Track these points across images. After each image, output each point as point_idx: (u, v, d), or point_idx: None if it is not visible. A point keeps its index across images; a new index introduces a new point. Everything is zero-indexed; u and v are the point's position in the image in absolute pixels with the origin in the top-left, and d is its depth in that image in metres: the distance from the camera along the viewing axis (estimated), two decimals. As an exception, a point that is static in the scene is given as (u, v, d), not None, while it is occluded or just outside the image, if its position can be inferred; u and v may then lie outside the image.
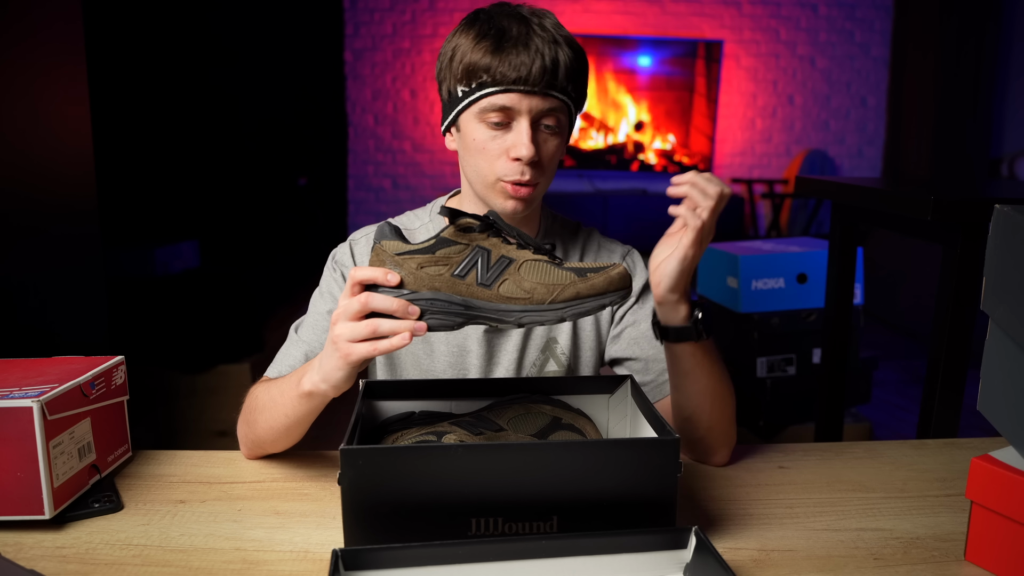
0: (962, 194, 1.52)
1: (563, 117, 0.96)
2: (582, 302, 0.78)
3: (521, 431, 0.86)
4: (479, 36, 0.93)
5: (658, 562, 0.71)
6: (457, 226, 0.80)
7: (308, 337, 1.03)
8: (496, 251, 0.79)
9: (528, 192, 0.96)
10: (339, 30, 5.03)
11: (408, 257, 0.78)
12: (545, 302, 0.78)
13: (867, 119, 5.37)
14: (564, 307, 0.78)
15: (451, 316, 0.78)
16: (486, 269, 0.78)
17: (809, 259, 2.26)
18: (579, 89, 0.97)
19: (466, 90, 0.94)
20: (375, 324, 0.76)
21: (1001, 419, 0.81)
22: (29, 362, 0.95)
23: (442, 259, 0.78)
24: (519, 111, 0.93)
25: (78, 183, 1.75)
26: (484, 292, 0.78)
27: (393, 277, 0.77)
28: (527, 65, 0.91)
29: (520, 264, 0.79)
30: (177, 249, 2.83)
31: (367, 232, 1.09)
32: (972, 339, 1.42)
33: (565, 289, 0.78)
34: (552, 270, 0.79)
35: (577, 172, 5.31)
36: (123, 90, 2.68)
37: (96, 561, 0.77)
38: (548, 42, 0.92)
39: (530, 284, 0.78)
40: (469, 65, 0.93)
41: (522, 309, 0.78)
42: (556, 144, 0.97)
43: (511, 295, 0.78)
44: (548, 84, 0.92)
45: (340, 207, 5.09)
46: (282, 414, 0.91)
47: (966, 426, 1.48)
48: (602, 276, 0.79)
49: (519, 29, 0.92)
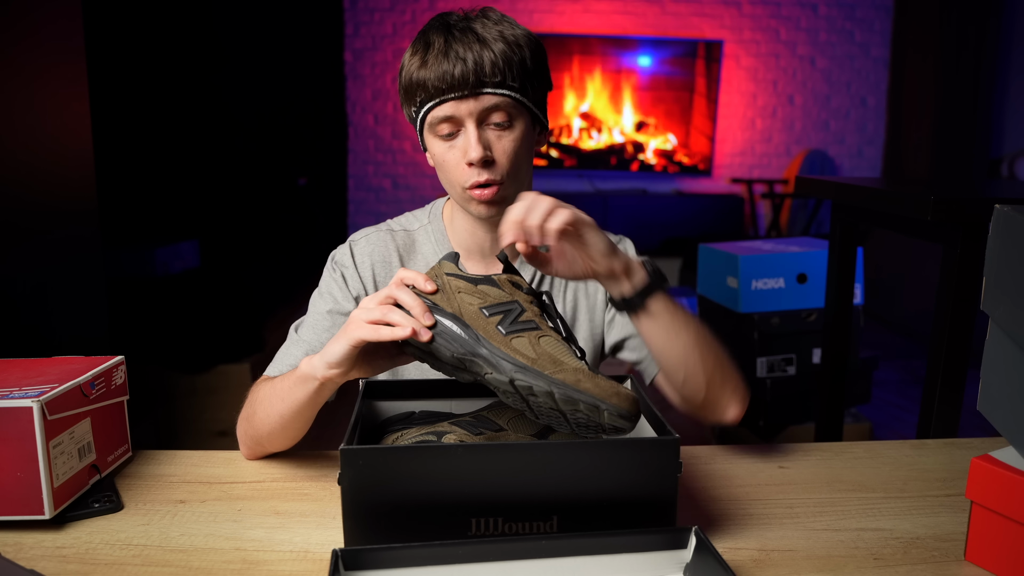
0: (962, 194, 1.52)
1: (511, 111, 0.96)
2: (577, 392, 0.74)
3: (521, 431, 0.86)
4: (412, 53, 0.97)
5: (658, 562, 0.71)
6: (510, 279, 0.83)
7: (308, 337, 1.04)
8: (529, 313, 0.81)
9: (492, 192, 0.97)
10: (339, 30, 5.03)
11: (453, 279, 0.82)
12: (545, 371, 0.76)
13: (867, 119, 5.37)
14: (560, 386, 0.75)
15: (452, 346, 0.78)
16: (512, 321, 0.79)
17: (809, 259, 2.26)
18: (523, 77, 0.96)
19: (415, 109, 0.98)
20: (387, 311, 0.79)
21: (1001, 419, 0.81)
22: (29, 362, 0.95)
23: (480, 293, 0.81)
24: (460, 117, 0.95)
25: (78, 183, 1.75)
26: (498, 336, 0.78)
27: (430, 285, 0.81)
28: (449, 72, 0.93)
29: (543, 335, 0.79)
30: (177, 249, 2.83)
31: (366, 233, 1.10)
32: (972, 339, 1.42)
33: (568, 372, 0.76)
34: (569, 354, 0.78)
35: (577, 172, 5.31)
36: (123, 90, 2.68)
37: (96, 561, 0.77)
38: (469, 44, 0.93)
39: (541, 351, 0.78)
40: (406, 85, 0.97)
41: (521, 366, 0.76)
42: (512, 139, 0.97)
43: (520, 350, 0.78)
44: (476, 84, 0.93)
45: (340, 207, 5.09)
46: (279, 401, 0.91)
47: (966, 426, 1.48)
48: (611, 386, 0.74)
49: (439, 39, 0.94)
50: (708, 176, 5.33)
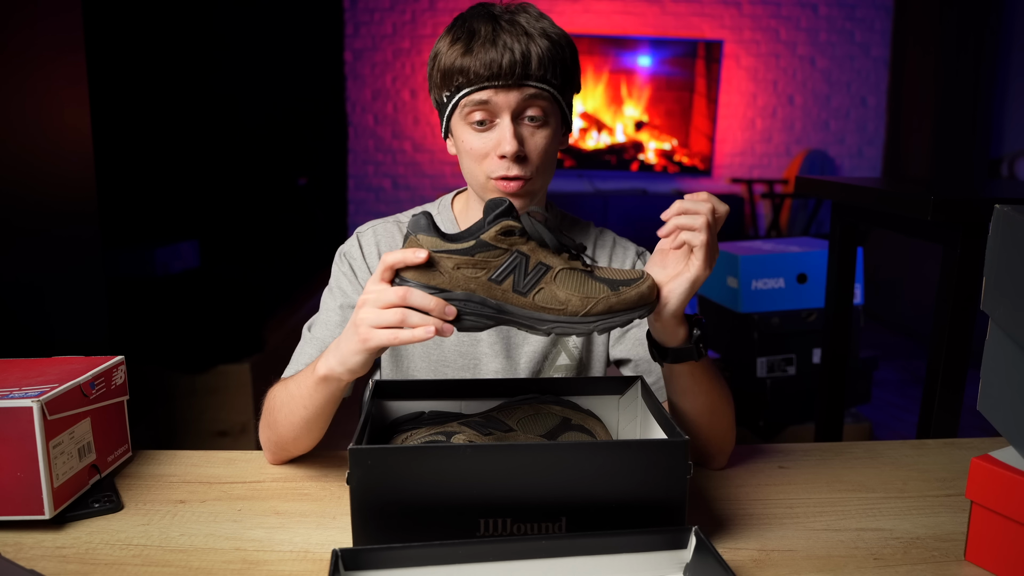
0: (962, 194, 1.52)
1: (547, 106, 0.96)
2: (613, 316, 0.79)
3: (530, 432, 0.86)
4: (453, 40, 0.96)
5: (658, 562, 0.71)
6: (499, 230, 0.78)
7: (321, 334, 1.04)
8: (534, 257, 0.79)
9: (519, 186, 0.97)
10: (339, 30, 5.03)
11: (445, 256, 0.77)
12: (578, 314, 0.78)
13: (867, 119, 5.37)
14: (596, 320, 0.78)
15: (483, 319, 0.78)
16: (523, 276, 0.78)
17: (809, 259, 2.26)
18: (563, 76, 0.97)
19: (448, 94, 0.97)
20: (404, 315, 0.76)
21: (1001, 419, 0.81)
22: (29, 362, 0.95)
23: (480, 263, 0.77)
24: (498, 107, 0.95)
25: (78, 183, 1.75)
26: (519, 299, 0.78)
27: (421, 253, 0.76)
28: (496, 61, 0.92)
29: (556, 272, 0.79)
30: (177, 249, 2.83)
31: (372, 224, 1.10)
32: (972, 339, 1.42)
33: (599, 302, 0.78)
34: (586, 281, 0.79)
35: (577, 172, 5.31)
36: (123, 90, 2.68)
37: (96, 561, 0.77)
38: (517, 36, 0.93)
39: (565, 295, 0.78)
40: (445, 69, 0.96)
41: (555, 319, 0.78)
42: (544, 136, 0.97)
43: (546, 304, 0.78)
44: (521, 76, 0.93)
45: (340, 207, 5.08)
46: (300, 406, 0.91)
47: (966, 426, 1.48)
48: (634, 290, 0.80)
49: (487, 28, 0.94)
50: (708, 176, 5.33)
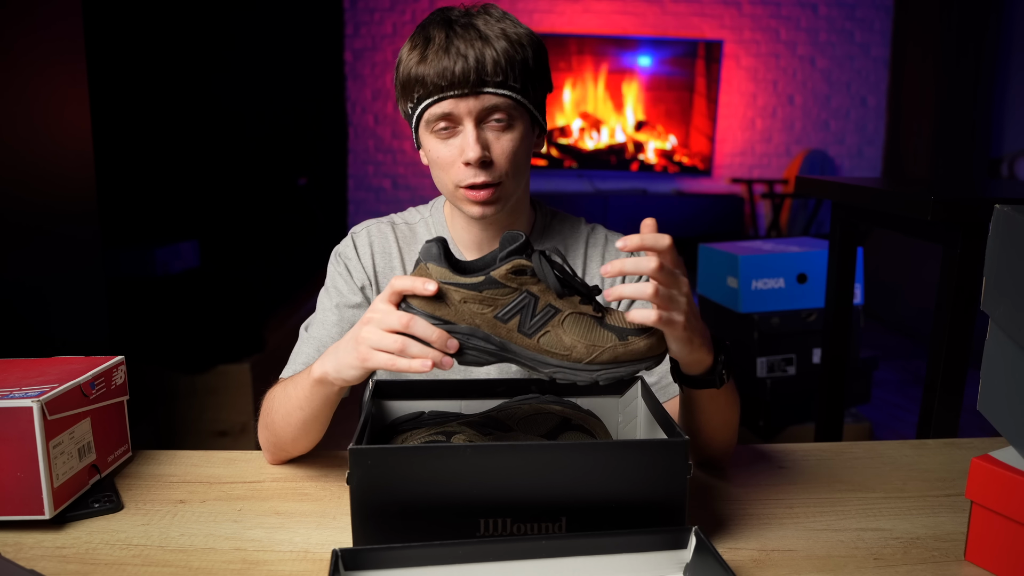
0: (962, 194, 1.52)
1: (514, 113, 0.94)
2: (619, 367, 0.77)
3: (531, 432, 0.86)
4: (411, 48, 0.94)
5: (658, 562, 0.71)
6: (510, 268, 0.76)
7: (318, 334, 1.05)
8: (543, 299, 0.77)
9: (488, 194, 0.95)
10: (339, 30, 5.03)
11: (453, 288, 0.76)
12: (582, 361, 0.76)
13: (867, 119, 5.37)
14: (600, 369, 0.76)
15: (486, 355, 0.77)
16: (530, 317, 0.76)
17: (809, 259, 2.26)
18: (525, 78, 0.94)
19: (412, 104, 0.95)
20: (405, 344, 0.75)
21: (1001, 419, 0.81)
22: (29, 362, 0.95)
23: (488, 299, 0.76)
24: (459, 115, 0.93)
25: (78, 184, 1.75)
26: (524, 340, 0.77)
27: (431, 285, 0.75)
28: (450, 68, 0.90)
29: (565, 316, 0.77)
30: (177, 249, 2.83)
31: (367, 224, 1.10)
32: (972, 339, 1.42)
33: (604, 351, 0.76)
34: (595, 328, 0.77)
35: (577, 172, 5.31)
36: (123, 90, 2.68)
37: (96, 561, 0.77)
38: (471, 41, 0.91)
39: (571, 340, 0.76)
40: (404, 80, 0.94)
41: (558, 364, 0.76)
42: (511, 139, 0.95)
43: (550, 348, 0.76)
44: (477, 83, 0.91)
45: (340, 207, 5.09)
46: (297, 407, 0.92)
47: (966, 426, 1.48)
48: (643, 340, 0.77)
49: (440, 35, 0.92)
50: (708, 176, 5.33)
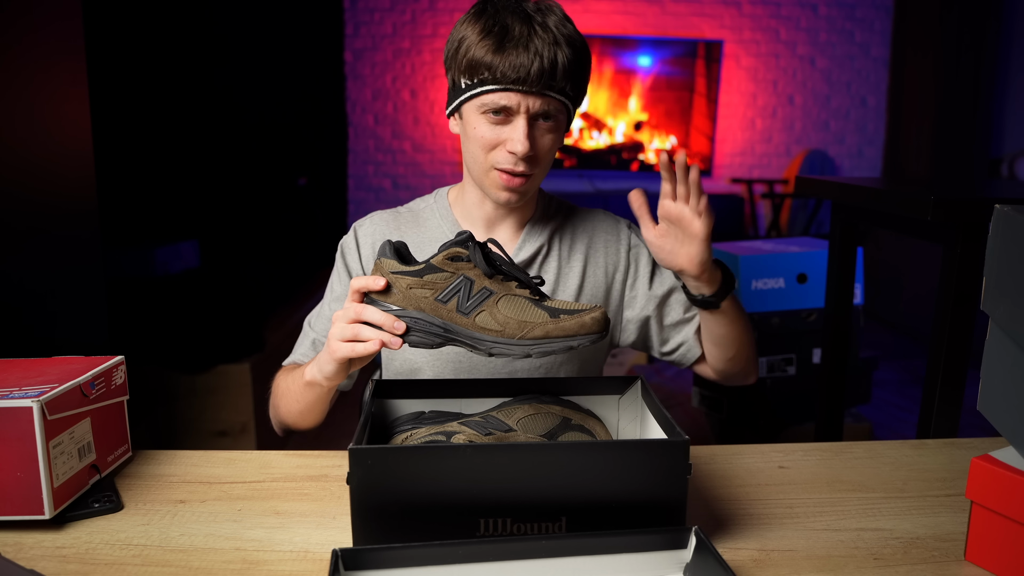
0: (962, 194, 1.52)
1: (560, 115, 1.00)
2: (551, 341, 0.83)
3: (531, 431, 0.86)
4: (484, 32, 0.96)
5: (658, 562, 0.71)
6: (447, 255, 0.85)
7: (316, 326, 1.13)
8: (479, 282, 0.84)
9: (521, 183, 1.01)
10: (339, 30, 5.03)
11: (400, 277, 0.85)
12: (515, 337, 0.83)
13: (867, 119, 5.37)
14: (531, 344, 0.83)
15: (431, 336, 0.84)
16: (467, 298, 0.84)
17: (809, 259, 2.26)
18: (578, 87, 1.00)
19: (469, 83, 0.98)
20: (357, 329, 0.85)
21: (1001, 419, 0.81)
22: (29, 362, 0.95)
23: (428, 283, 0.84)
24: (517, 109, 0.96)
25: (78, 183, 1.75)
26: (462, 319, 0.84)
27: (380, 281, 0.85)
28: (526, 66, 0.93)
29: (500, 297, 0.84)
30: (177, 249, 2.82)
31: (372, 216, 1.15)
32: (972, 339, 1.42)
33: (535, 328, 0.83)
34: (528, 307, 0.84)
35: (577, 172, 5.31)
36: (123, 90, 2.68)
37: (96, 561, 0.77)
38: (549, 43, 0.94)
39: (503, 318, 0.83)
40: (472, 61, 0.96)
41: (493, 340, 0.83)
42: (552, 139, 1.01)
43: (485, 325, 0.83)
44: (546, 85, 0.95)
45: (340, 207, 5.08)
46: (294, 400, 1.02)
47: (966, 426, 1.48)
48: (574, 320, 0.83)
49: (521, 28, 0.94)
50: (708, 176, 5.33)
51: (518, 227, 1.12)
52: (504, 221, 1.11)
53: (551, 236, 1.13)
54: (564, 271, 1.12)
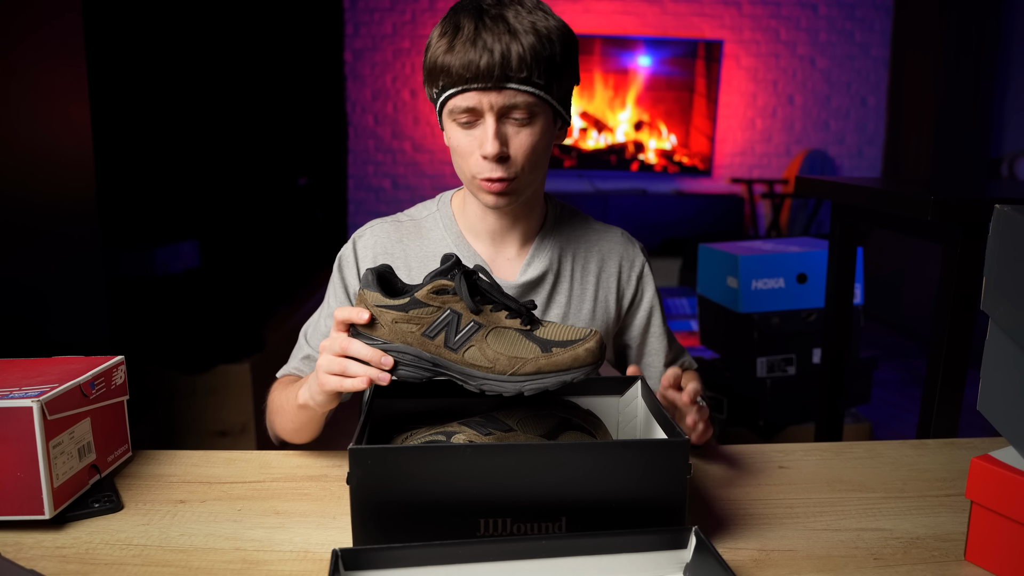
0: (962, 194, 1.52)
1: (536, 109, 0.94)
2: (544, 377, 0.79)
3: (531, 431, 0.86)
4: (440, 36, 0.93)
5: (658, 562, 0.71)
6: (431, 288, 0.80)
7: (312, 341, 1.10)
8: (467, 316, 0.81)
9: (503, 187, 0.96)
10: (339, 30, 5.03)
11: (384, 311, 0.81)
12: (506, 373, 0.79)
13: (867, 119, 5.37)
14: (524, 380, 0.79)
15: (421, 370, 0.81)
16: (454, 333, 0.80)
17: (809, 259, 2.26)
18: (550, 74, 0.93)
19: (437, 91, 0.95)
20: (345, 365, 0.82)
21: (1001, 419, 0.81)
22: (29, 362, 0.95)
23: (414, 318, 0.80)
24: (481, 108, 0.92)
25: (78, 183, 1.75)
26: (451, 355, 0.80)
27: (364, 315, 0.81)
28: (475, 62, 0.89)
29: (489, 331, 0.81)
30: (177, 249, 2.82)
31: (371, 225, 1.11)
32: (972, 339, 1.42)
33: (526, 363, 0.79)
34: (519, 341, 0.80)
35: (577, 172, 5.31)
36: (123, 90, 2.68)
37: (96, 561, 0.77)
38: (499, 35, 0.89)
39: (493, 353, 0.80)
40: (431, 67, 0.94)
41: (483, 376, 0.80)
42: (530, 134, 0.94)
43: (475, 362, 0.80)
44: (501, 78, 0.90)
45: (340, 207, 5.08)
46: (289, 419, 1.01)
47: (966, 426, 1.48)
48: (568, 353, 0.79)
49: (470, 24, 0.90)
50: (708, 176, 5.33)
51: (526, 240, 1.08)
52: (510, 233, 1.06)
53: (562, 253, 1.09)
54: (576, 292, 1.09)
